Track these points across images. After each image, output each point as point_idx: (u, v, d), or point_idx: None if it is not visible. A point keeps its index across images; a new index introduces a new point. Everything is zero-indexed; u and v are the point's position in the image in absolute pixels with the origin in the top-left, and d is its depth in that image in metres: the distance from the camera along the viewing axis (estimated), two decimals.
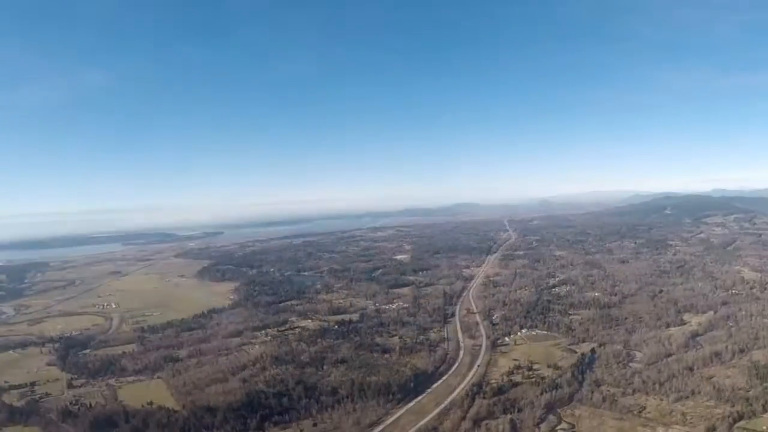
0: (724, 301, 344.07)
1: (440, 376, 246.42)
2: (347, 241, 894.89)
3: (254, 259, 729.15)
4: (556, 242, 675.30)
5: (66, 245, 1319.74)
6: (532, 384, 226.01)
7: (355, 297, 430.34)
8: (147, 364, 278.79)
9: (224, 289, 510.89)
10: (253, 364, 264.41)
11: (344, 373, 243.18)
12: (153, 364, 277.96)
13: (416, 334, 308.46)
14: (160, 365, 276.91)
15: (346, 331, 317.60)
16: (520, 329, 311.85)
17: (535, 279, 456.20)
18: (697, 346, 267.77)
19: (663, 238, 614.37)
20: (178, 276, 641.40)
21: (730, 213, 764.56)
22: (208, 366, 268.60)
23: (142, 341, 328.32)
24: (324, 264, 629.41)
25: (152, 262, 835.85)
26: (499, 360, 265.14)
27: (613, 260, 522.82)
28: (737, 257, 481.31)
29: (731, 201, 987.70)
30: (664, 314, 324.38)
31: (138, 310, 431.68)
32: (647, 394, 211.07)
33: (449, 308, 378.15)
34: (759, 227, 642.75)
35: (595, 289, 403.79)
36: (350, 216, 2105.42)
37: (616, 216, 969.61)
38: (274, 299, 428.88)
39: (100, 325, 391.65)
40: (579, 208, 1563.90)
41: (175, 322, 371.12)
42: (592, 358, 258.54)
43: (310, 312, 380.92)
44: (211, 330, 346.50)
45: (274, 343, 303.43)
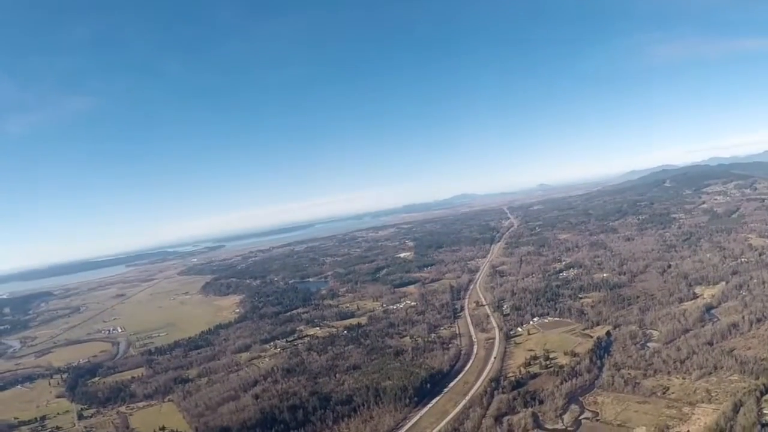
0: (734, 271, 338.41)
1: (456, 374, 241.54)
2: (349, 243, 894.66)
3: (257, 269, 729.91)
4: (558, 225, 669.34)
5: (69, 272, 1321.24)
6: (551, 374, 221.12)
7: (361, 300, 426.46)
8: (157, 387, 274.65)
9: (229, 303, 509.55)
10: (265, 378, 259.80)
11: (358, 379, 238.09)
12: (163, 387, 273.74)
13: (427, 333, 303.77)
14: (170, 388, 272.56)
15: (356, 336, 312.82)
16: (531, 318, 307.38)
17: (542, 265, 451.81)
18: (713, 319, 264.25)
19: (666, 212, 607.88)
20: (182, 293, 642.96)
21: (730, 180, 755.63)
22: (219, 384, 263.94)
23: (151, 364, 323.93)
24: (327, 268, 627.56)
25: (156, 282, 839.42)
26: (515, 352, 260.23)
27: (618, 239, 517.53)
28: (742, 224, 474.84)
29: (729, 168, 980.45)
30: (676, 289, 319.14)
31: (144, 332, 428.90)
32: (669, 374, 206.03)
33: (457, 303, 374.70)
34: (761, 192, 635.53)
35: (603, 270, 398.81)
36: (350, 217, 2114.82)
37: (616, 194, 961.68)
38: (280, 309, 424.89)
39: (108, 351, 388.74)
40: (578, 189, 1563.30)
41: (183, 341, 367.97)
42: (609, 341, 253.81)
43: (318, 319, 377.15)
44: (219, 346, 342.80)
45: (284, 355, 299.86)
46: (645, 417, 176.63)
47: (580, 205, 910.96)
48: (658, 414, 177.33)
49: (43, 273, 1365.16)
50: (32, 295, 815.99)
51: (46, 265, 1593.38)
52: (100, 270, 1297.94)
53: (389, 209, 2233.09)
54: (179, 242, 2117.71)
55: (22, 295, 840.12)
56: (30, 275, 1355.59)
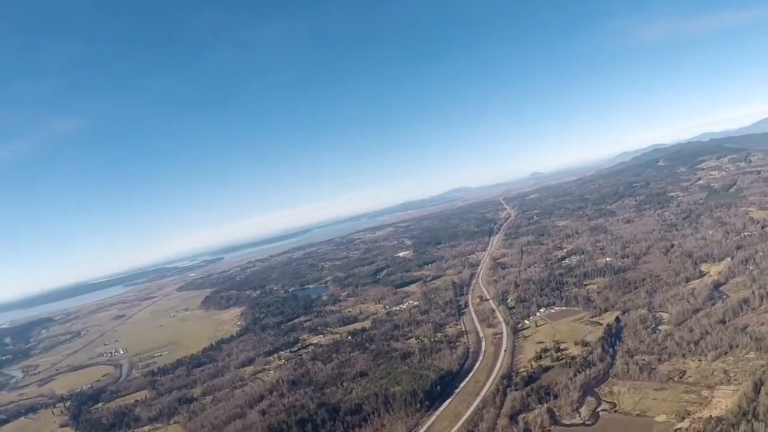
0: (738, 245, 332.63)
1: (466, 373, 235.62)
2: (347, 246, 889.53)
3: (256, 279, 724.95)
4: (556, 213, 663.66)
5: (69, 296, 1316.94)
6: (563, 366, 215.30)
7: (363, 303, 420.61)
8: (161, 409, 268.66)
9: (230, 316, 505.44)
10: (270, 392, 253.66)
11: (366, 387, 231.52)
12: (167, 409, 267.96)
13: (433, 332, 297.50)
14: (174, 409, 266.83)
15: (361, 341, 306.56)
16: (538, 309, 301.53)
17: (543, 254, 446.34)
18: (723, 296, 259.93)
19: (663, 191, 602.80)
20: (182, 310, 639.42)
21: (724, 155, 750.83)
22: (224, 402, 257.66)
23: (154, 385, 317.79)
24: (327, 273, 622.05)
25: (155, 300, 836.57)
26: (524, 345, 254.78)
27: (617, 222, 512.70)
28: (741, 198, 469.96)
29: (722, 143, 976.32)
30: (681, 269, 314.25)
31: (146, 353, 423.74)
32: (684, 357, 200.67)
33: (461, 299, 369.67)
34: (756, 164, 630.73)
35: (606, 255, 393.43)
36: (347, 219, 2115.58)
37: (611, 176, 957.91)
38: (281, 319, 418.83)
39: (110, 374, 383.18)
40: (571, 175, 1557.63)
41: (185, 359, 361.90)
42: (619, 327, 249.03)
43: (321, 326, 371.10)
44: (222, 362, 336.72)
45: (289, 366, 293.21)
46: (664, 404, 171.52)
47: (576, 190, 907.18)
48: (677, 400, 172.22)
49: (43, 299, 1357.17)
50: (33, 323, 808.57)
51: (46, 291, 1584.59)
52: (99, 292, 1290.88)
53: (385, 208, 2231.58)
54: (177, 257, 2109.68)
55: (22, 323, 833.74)
56: (30, 302, 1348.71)
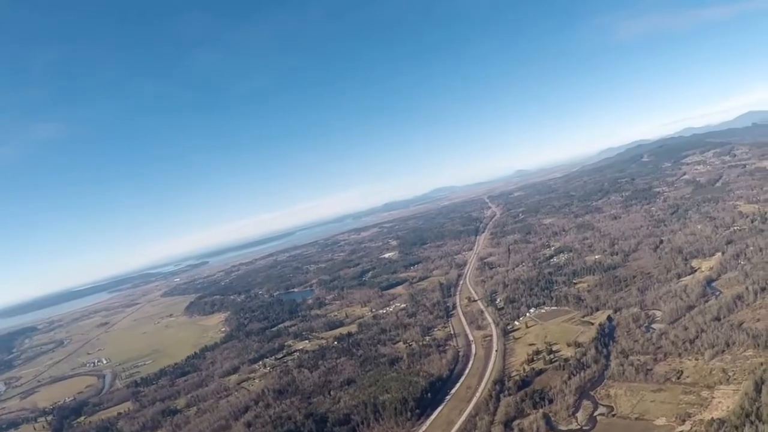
0: (728, 240, 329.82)
1: (457, 378, 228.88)
2: (332, 248, 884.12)
3: (241, 283, 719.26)
4: (542, 210, 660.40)
5: (53, 303, 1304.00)
6: (557, 368, 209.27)
7: (349, 306, 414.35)
8: (144, 423, 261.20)
9: (215, 322, 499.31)
10: (256, 402, 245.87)
11: (354, 395, 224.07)
12: (151, 422, 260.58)
13: (421, 336, 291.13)
14: (158, 422, 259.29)
15: (347, 347, 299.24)
16: (527, 310, 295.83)
17: (531, 252, 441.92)
18: (716, 292, 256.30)
19: (648, 187, 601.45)
20: (166, 316, 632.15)
21: (708, 149, 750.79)
22: (209, 413, 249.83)
23: (137, 397, 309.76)
24: (312, 276, 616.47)
25: (139, 306, 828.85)
26: (515, 348, 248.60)
27: (604, 218, 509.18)
28: (728, 192, 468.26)
29: (705, 137, 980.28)
30: (672, 265, 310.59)
31: (130, 362, 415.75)
32: (680, 356, 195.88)
33: (449, 300, 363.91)
34: (740, 158, 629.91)
35: (595, 252, 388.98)
36: (332, 221, 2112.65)
37: (596, 173, 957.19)
38: (266, 324, 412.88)
39: (93, 385, 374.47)
40: (555, 172, 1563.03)
41: (169, 368, 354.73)
42: (611, 326, 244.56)
43: (306, 332, 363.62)
44: (206, 371, 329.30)
45: (274, 374, 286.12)
46: (663, 406, 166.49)
47: (561, 187, 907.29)
48: (676, 402, 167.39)
49: (27, 307, 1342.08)
50: (16, 332, 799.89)
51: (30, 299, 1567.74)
52: (83, 299, 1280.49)
53: (370, 209, 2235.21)
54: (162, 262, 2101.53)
55: (5, 333, 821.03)
56: (14, 311, 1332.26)
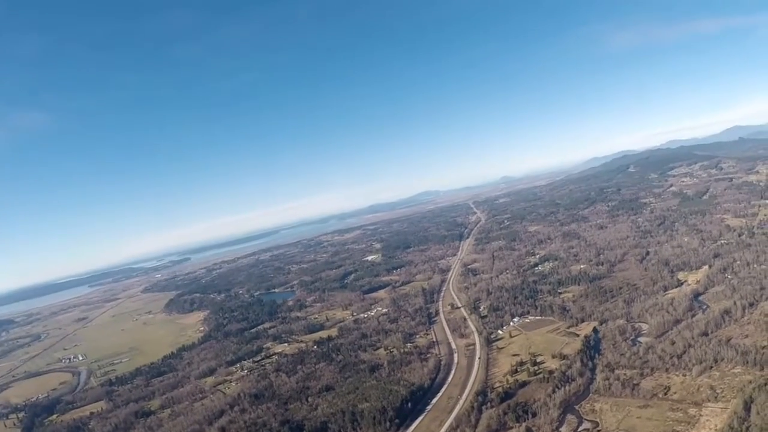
0: (716, 254, 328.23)
1: (438, 388, 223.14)
2: (315, 249, 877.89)
3: (222, 282, 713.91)
4: (527, 218, 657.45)
5: (32, 296, 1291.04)
6: (541, 381, 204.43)
7: (330, 309, 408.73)
8: (117, 424, 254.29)
9: (194, 321, 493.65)
10: (231, 407, 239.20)
11: (332, 403, 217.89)
12: (124, 423, 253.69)
13: (402, 343, 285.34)
14: (131, 423, 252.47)
15: (327, 351, 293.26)
16: (512, 318, 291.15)
17: (515, 260, 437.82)
18: (703, 306, 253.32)
19: (635, 197, 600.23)
20: (145, 313, 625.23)
21: (694, 162, 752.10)
22: (183, 417, 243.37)
23: (111, 397, 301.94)
24: (294, 277, 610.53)
25: (119, 302, 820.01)
26: (498, 358, 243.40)
27: (590, 227, 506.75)
28: (715, 205, 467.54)
29: (692, 150, 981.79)
30: (659, 277, 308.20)
31: (106, 359, 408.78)
32: (667, 372, 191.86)
33: (431, 306, 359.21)
34: (727, 171, 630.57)
35: (580, 261, 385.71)
36: (316, 221, 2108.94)
37: (582, 182, 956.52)
38: (245, 325, 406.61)
39: (68, 382, 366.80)
40: (541, 179, 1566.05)
41: (145, 368, 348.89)
42: (597, 338, 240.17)
43: (285, 334, 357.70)
44: (182, 372, 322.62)
45: (251, 378, 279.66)
46: (649, 423, 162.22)
47: (546, 195, 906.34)
48: (663, 419, 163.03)
49: (6, 299, 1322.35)
50: None
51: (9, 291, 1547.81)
52: (63, 292, 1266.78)
53: (354, 210, 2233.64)
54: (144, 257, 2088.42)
55: None
56: None
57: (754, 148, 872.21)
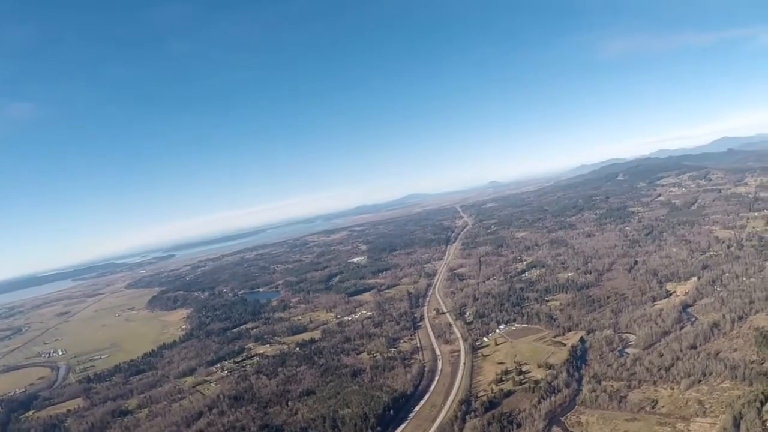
0: (704, 265, 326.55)
1: (421, 395, 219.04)
2: (300, 249, 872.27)
3: (206, 280, 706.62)
4: (515, 223, 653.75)
5: (15, 288, 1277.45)
6: (526, 390, 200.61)
7: (314, 311, 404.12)
8: (93, 422, 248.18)
9: (176, 318, 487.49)
10: (210, 409, 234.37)
11: (312, 407, 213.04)
12: (100, 422, 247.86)
13: (386, 347, 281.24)
14: (107, 422, 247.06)
15: (309, 354, 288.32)
16: (497, 326, 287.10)
17: (502, 266, 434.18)
18: (691, 318, 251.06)
19: (623, 206, 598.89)
20: (128, 309, 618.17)
21: (683, 172, 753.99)
22: (160, 417, 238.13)
23: (89, 394, 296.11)
24: (278, 277, 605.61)
25: (102, 297, 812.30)
26: (483, 366, 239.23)
27: (577, 235, 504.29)
28: (704, 216, 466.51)
29: (680, 160, 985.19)
30: (647, 287, 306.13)
31: (86, 355, 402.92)
32: (655, 384, 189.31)
33: (416, 311, 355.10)
34: (716, 183, 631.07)
35: (568, 269, 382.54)
36: (302, 221, 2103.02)
37: (570, 189, 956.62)
38: (228, 324, 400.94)
39: (46, 377, 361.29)
40: (529, 185, 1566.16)
41: (124, 365, 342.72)
42: (584, 348, 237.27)
43: (268, 335, 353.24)
44: (162, 370, 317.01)
45: (231, 379, 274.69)
46: None
47: (534, 201, 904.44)
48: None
49: None
50: None
51: None
52: (46, 285, 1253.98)
53: (341, 211, 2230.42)
54: (129, 252, 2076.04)
55: None
56: None
57: (743, 160, 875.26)
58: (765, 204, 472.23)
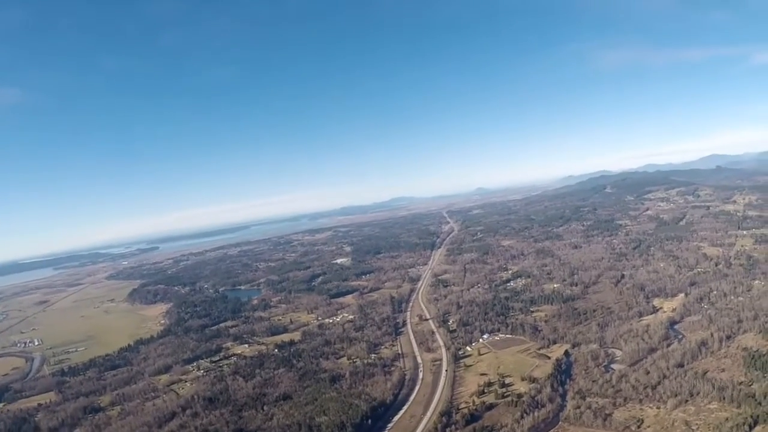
0: (692, 282, 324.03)
1: (401, 404, 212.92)
2: (284, 248, 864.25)
3: (188, 274, 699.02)
4: (501, 231, 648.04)
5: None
6: (509, 404, 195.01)
7: (295, 312, 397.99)
8: (64, 418, 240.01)
9: (155, 313, 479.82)
10: (184, 409, 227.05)
11: (288, 413, 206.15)
12: (71, 418, 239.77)
13: (367, 353, 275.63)
14: (78, 419, 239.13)
15: (288, 356, 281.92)
16: (481, 335, 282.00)
17: (487, 274, 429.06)
18: (679, 336, 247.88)
19: (611, 218, 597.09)
20: (108, 301, 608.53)
21: (671, 187, 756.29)
22: (132, 416, 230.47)
23: (61, 388, 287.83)
24: (261, 275, 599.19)
25: (83, 287, 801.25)
26: (465, 376, 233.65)
27: (564, 246, 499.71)
28: (692, 232, 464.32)
29: (669, 175, 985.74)
30: (634, 302, 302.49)
31: (62, 346, 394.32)
32: (641, 403, 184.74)
33: (399, 316, 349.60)
34: (704, 200, 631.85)
35: (554, 280, 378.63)
36: (287, 219, 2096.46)
37: (557, 199, 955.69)
38: (207, 322, 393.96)
39: (20, 368, 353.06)
40: (516, 193, 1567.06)
41: (99, 359, 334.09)
42: (569, 362, 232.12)
43: (247, 334, 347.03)
44: (137, 367, 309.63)
45: (207, 379, 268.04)
46: None
47: (521, 209, 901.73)
48: None
49: None
50: None
51: None
52: (28, 272, 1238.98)
53: (326, 211, 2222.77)
54: (113, 243, 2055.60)
55: None
56: None
57: (731, 178, 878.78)
58: (753, 223, 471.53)
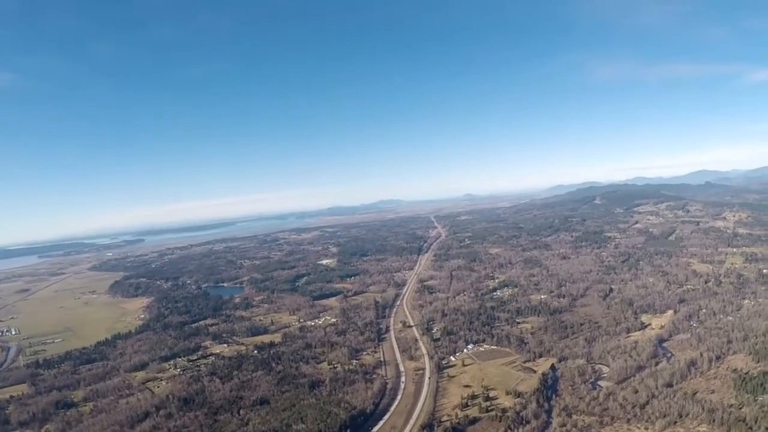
0: (681, 299, 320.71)
1: (381, 414, 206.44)
2: (270, 246, 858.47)
3: (171, 269, 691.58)
4: (489, 239, 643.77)
5: None
6: (493, 419, 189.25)
7: (277, 312, 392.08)
8: (35, 412, 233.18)
9: (136, 307, 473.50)
10: (158, 409, 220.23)
11: (265, 419, 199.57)
12: (42, 413, 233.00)
13: (348, 358, 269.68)
14: (49, 414, 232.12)
15: (267, 359, 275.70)
16: (466, 345, 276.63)
17: (474, 282, 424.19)
18: (667, 354, 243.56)
19: (599, 230, 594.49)
20: (89, 292, 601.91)
21: (661, 201, 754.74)
22: (105, 414, 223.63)
23: (34, 380, 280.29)
24: (244, 273, 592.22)
25: (65, 277, 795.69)
26: (448, 387, 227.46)
27: (552, 256, 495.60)
28: (681, 248, 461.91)
29: (658, 189, 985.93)
30: (621, 317, 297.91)
31: (39, 337, 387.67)
32: (629, 423, 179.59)
33: (382, 321, 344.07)
34: (694, 215, 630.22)
35: (541, 291, 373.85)
36: (274, 217, 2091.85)
37: (546, 208, 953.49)
38: (187, 318, 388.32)
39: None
40: (505, 200, 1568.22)
41: (76, 352, 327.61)
42: (555, 377, 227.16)
43: (227, 334, 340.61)
44: (113, 362, 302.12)
45: (184, 379, 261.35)
46: None
47: (510, 217, 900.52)
48: None
49: None
50: None
51: None
52: (11, 260, 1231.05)
53: (314, 210, 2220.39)
54: (99, 233, 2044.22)
55: None
56: None
57: (721, 194, 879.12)
58: (744, 240, 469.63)
